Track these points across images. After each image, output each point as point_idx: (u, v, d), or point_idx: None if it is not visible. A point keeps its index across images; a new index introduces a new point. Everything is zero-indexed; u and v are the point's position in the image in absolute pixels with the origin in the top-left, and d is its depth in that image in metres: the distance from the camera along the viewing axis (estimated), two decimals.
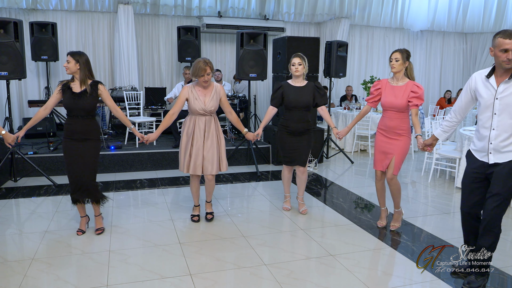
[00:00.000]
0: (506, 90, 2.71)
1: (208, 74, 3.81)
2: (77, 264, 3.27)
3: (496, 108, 2.76)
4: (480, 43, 10.96)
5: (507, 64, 2.65)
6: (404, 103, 3.70)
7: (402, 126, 3.77)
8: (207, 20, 8.68)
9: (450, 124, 3.17)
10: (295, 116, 4.19)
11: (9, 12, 7.80)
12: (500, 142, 2.77)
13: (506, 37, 2.61)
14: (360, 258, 3.43)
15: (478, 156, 2.91)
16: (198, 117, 3.92)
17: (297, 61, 4.13)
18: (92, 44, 8.40)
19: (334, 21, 9.63)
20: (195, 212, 4.25)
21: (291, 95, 4.15)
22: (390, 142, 3.82)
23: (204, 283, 3.00)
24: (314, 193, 5.30)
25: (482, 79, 2.84)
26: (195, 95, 3.87)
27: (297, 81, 4.21)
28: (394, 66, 3.72)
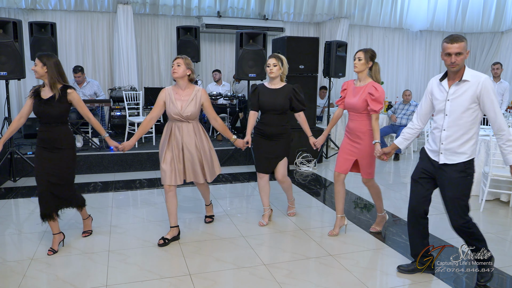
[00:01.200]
0: (456, 92, 2.81)
1: (179, 65, 3.50)
2: (77, 264, 3.27)
3: (447, 109, 2.85)
4: (479, 43, 10.96)
5: (452, 68, 2.76)
6: (361, 103, 3.56)
7: (361, 128, 3.63)
8: (206, 20, 8.67)
9: (413, 132, 3.15)
10: (270, 119, 3.93)
11: (8, 12, 7.79)
12: (450, 143, 2.85)
13: (449, 42, 2.74)
14: (360, 258, 3.43)
15: (431, 155, 2.99)
16: (175, 124, 3.59)
17: (272, 62, 3.85)
18: (91, 44, 8.40)
19: (333, 21, 9.63)
20: (167, 235, 3.68)
21: (264, 98, 3.91)
22: (353, 145, 3.69)
23: (203, 283, 3.00)
24: (313, 193, 5.30)
25: (437, 83, 2.95)
26: (171, 99, 3.54)
27: (272, 83, 3.94)
28: (356, 65, 3.63)
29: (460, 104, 2.79)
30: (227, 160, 6.59)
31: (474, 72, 2.80)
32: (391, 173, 6.65)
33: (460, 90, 2.79)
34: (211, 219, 4.16)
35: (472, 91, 2.75)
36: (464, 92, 2.78)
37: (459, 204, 2.84)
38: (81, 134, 6.51)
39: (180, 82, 3.56)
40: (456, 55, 2.72)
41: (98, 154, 6.12)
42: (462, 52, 2.72)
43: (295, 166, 6.62)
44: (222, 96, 7.73)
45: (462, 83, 2.79)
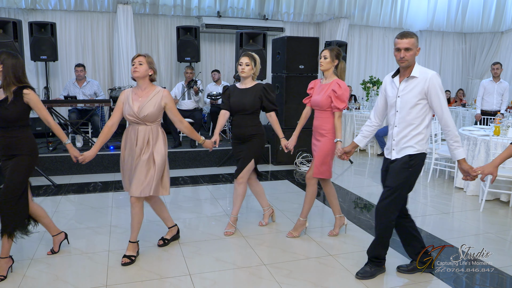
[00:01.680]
0: (406, 88, 2.86)
1: (141, 63, 3.20)
2: (76, 264, 3.27)
3: (398, 105, 2.89)
4: (479, 43, 10.96)
5: (401, 63, 2.82)
6: (324, 101, 3.54)
7: (325, 126, 3.60)
8: (206, 20, 8.67)
9: (371, 129, 3.20)
10: (239, 121, 3.76)
11: (8, 12, 7.79)
12: (401, 139, 2.90)
13: (399, 37, 2.82)
14: (360, 258, 3.43)
15: (386, 154, 3.07)
16: (132, 126, 3.28)
17: (245, 61, 3.68)
18: (91, 44, 8.40)
19: (333, 21, 9.63)
20: (166, 235, 3.60)
21: (233, 98, 3.74)
22: (315, 143, 3.69)
23: (203, 283, 3.00)
24: None
25: (390, 80, 2.99)
26: (128, 100, 3.24)
27: (243, 83, 3.78)
28: (321, 63, 3.60)
29: (409, 100, 2.84)
30: (226, 160, 6.59)
31: (423, 69, 2.85)
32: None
33: (409, 87, 2.85)
34: (129, 260, 3.26)
35: (420, 87, 2.80)
36: (413, 88, 2.83)
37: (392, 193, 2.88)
38: (81, 134, 6.51)
39: (140, 82, 3.27)
40: (406, 50, 2.78)
41: (98, 154, 6.05)
42: (411, 47, 2.78)
43: (295, 166, 6.62)
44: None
45: (411, 80, 2.84)
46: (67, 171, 5.88)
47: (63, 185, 5.37)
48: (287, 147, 3.83)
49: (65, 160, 5.83)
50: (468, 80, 11.29)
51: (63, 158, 5.83)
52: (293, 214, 4.46)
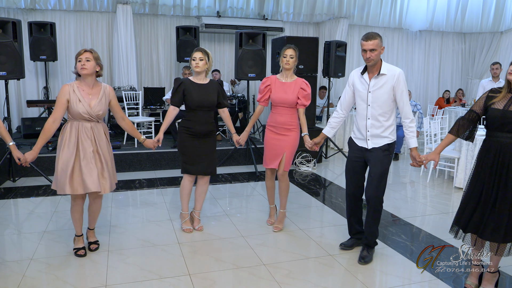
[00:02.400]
0: (376, 84, 3.15)
1: (88, 60, 3.14)
2: (76, 264, 3.26)
3: (369, 100, 3.18)
4: (479, 43, 10.96)
5: (368, 62, 3.10)
6: (294, 98, 3.74)
7: (292, 121, 3.80)
8: (206, 20, 8.67)
9: (338, 120, 3.49)
10: (199, 117, 3.72)
11: (8, 12, 7.78)
12: (375, 129, 3.20)
13: (365, 39, 3.08)
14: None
15: (358, 143, 3.32)
16: (82, 123, 3.19)
17: (199, 56, 3.65)
18: (90, 44, 8.39)
19: (333, 21, 9.63)
20: (78, 245, 3.44)
21: (194, 94, 3.67)
22: (280, 138, 3.81)
23: (203, 283, 3.00)
24: (313, 193, 5.30)
25: (358, 76, 3.26)
26: (78, 96, 3.15)
27: (199, 78, 3.73)
28: (289, 62, 3.75)
29: (381, 95, 3.14)
30: (226, 160, 6.59)
31: (390, 66, 3.15)
32: (391, 173, 6.65)
33: (380, 83, 3.14)
34: (96, 246, 3.51)
35: (390, 83, 3.11)
36: (384, 84, 3.13)
37: (380, 178, 3.19)
38: None
39: (88, 79, 3.20)
40: (371, 51, 3.05)
41: None
42: (375, 48, 3.05)
43: (294, 166, 6.62)
44: None
45: (380, 76, 3.14)
46: None
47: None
48: (239, 142, 3.93)
49: None
50: (468, 80, 11.30)
51: None
52: (293, 214, 4.46)
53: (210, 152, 3.82)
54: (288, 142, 3.80)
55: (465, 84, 11.34)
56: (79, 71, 3.17)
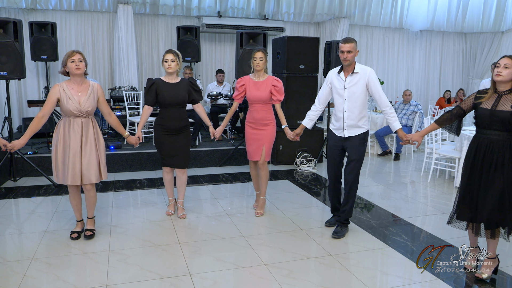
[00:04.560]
0: (351, 81, 3.67)
1: (81, 60, 3.44)
2: (77, 264, 3.27)
3: (345, 95, 3.69)
4: (480, 43, 10.96)
5: (344, 62, 3.61)
6: (268, 95, 4.13)
7: (268, 116, 4.21)
8: (206, 20, 8.67)
9: (316, 113, 3.97)
10: (171, 114, 4.02)
11: (9, 12, 7.79)
12: (350, 120, 3.69)
13: (343, 42, 3.58)
14: (360, 258, 3.43)
15: (337, 133, 3.81)
16: (73, 120, 3.48)
17: (170, 58, 3.94)
18: (91, 44, 8.40)
19: (333, 21, 9.63)
20: (75, 229, 3.78)
21: (166, 92, 3.96)
22: (259, 133, 4.22)
23: (203, 283, 3.00)
24: (313, 193, 5.30)
25: (335, 75, 3.76)
26: (68, 94, 3.43)
27: (170, 78, 4.03)
28: (259, 64, 4.12)
29: (355, 91, 3.66)
30: (227, 160, 6.59)
31: (362, 66, 3.69)
32: (391, 173, 6.65)
33: (354, 80, 3.66)
34: (91, 233, 3.76)
35: (363, 80, 3.65)
36: (358, 81, 3.65)
37: (357, 163, 3.75)
38: None
39: (78, 78, 3.50)
40: (348, 52, 3.56)
41: None
42: (352, 50, 3.56)
43: (295, 166, 6.62)
44: (222, 96, 7.73)
45: (354, 75, 3.66)
46: None
47: (63, 185, 5.36)
48: (214, 135, 4.23)
49: None
50: (469, 80, 11.29)
51: None
52: (294, 214, 4.46)
53: (183, 146, 4.12)
54: (266, 136, 4.22)
55: (466, 84, 11.33)
56: (73, 71, 3.44)
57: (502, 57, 2.91)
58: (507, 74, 2.83)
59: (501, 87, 2.91)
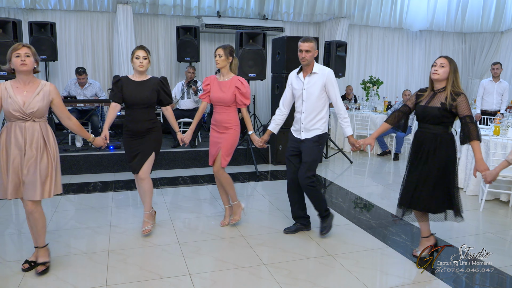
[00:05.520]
0: (309, 82, 3.59)
1: (28, 55, 2.89)
2: (76, 264, 3.26)
3: (304, 96, 3.61)
4: (479, 43, 10.96)
5: (303, 62, 3.55)
6: (230, 97, 3.79)
7: (230, 119, 3.87)
8: (206, 20, 8.67)
9: (282, 117, 3.85)
10: (135, 114, 3.66)
11: (8, 12, 7.79)
12: (308, 122, 3.61)
13: (302, 41, 3.54)
14: (360, 258, 3.43)
15: (295, 134, 3.72)
16: (15, 123, 2.91)
17: (142, 54, 3.60)
18: (91, 44, 8.39)
19: (333, 21, 9.63)
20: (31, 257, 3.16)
21: (128, 91, 3.62)
22: (220, 136, 3.89)
23: (203, 283, 3.00)
24: None
25: (295, 75, 3.69)
26: (9, 93, 2.88)
27: (138, 76, 3.69)
28: (218, 62, 3.77)
29: (314, 92, 3.58)
30: None
31: (321, 66, 3.63)
32: (391, 173, 6.65)
33: (313, 80, 3.58)
34: (45, 267, 3.08)
35: (321, 81, 3.57)
36: (316, 82, 3.57)
37: (310, 166, 3.59)
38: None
39: (25, 76, 2.93)
40: (306, 51, 3.50)
41: (98, 154, 6.12)
42: (310, 50, 3.52)
43: None
44: None
45: (313, 75, 3.59)
46: (67, 171, 5.87)
47: (63, 185, 5.34)
48: (183, 141, 3.90)
49: (65, 160, 5.82)
50: (468, 80, 11.29)
51: (63, 158, 5.82)
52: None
53: (145, 149, 3.70)
54: (224, 139, 3.87)
55: (466, 84, 11.33)
56: (18, 68, 2.88)
57: (439, 57, 3.18)
58: (443, 72, 3.10)
59: (437, 85, 3.18)
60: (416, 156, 3.21)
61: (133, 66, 3.65)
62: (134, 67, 3.66)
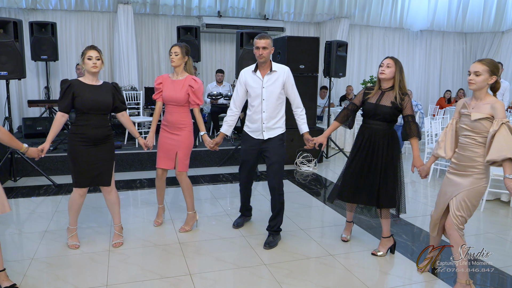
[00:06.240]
0: (269, 80, 3.51)
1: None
2: (77, 264, 3.27)
3: (264, 95, 3.51)
4: (480, 43, 10.96)
5: (260, 59, 3.47)
6: (183, 97, 3.68)
7: (183, 120, 3.74)
8: (206, 20, 8.67)
9: (233, 118, 3.75)
10: (93, 121, 3.33)
11: (9, 12, 7.80)
12: (269, 121, 3.54)
13: (258, 38, 3.45)
14: (360, 258, 3.43)
15: (254, 136, 3.62)
16: None
17: (95, 55, 3.31)
18: (91, 43, 8.37)
19: (333, 21, 9.63)
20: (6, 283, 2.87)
21: (86, 96, 3.29)
22: (173, 138, 3.76)
23: (203, 283, 3.00)
24: (313, 193, 5.30)
25: (250, 74, 3.58)
26: None
27: (92, 79, 3.38)
28: (173, 60, 3.66)
29: (274, 90, 3.51)
30: (227, 160, 6.59)
31: (278, 65, 3.58)
32: None
33: (272, 79, 3.51)
34: None
35: (281, 79, 3.52)
36: (276, 80, 3.51)
37: (280, 166, 3.56)
38: None
39: None
40: (263, 48, 3.42)
41: None
42: (267, 47, 3.44)
43: (295, 166, 6.62)
44: (222, 96, 7.73)
45: (272, 73, 3.52)
46: (67, 171, 5.87)
47: (63, 185, 5.37)
48: (147, 145, 3.70)
49: (65, 160, 5.83)
50: None
51: (64, 158, 5.83)
52: (294, 214, 4.46)
53: (108, 159, 3.45)
54: (180, 142, 3.75)
55: (466, 84, 11.27)
56: None
57: (386, 57, 3.30)
58: (389, 72, 3.24)
59: (384, 84, 3.32)
60: (363, 150, 3.35)
61: (85, 67, 3.34)
62: (86, 69, 3.34)
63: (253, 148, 3.63)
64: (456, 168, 2.87)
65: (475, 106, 2.80)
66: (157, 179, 3.96)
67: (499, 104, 2.73)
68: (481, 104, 2.78)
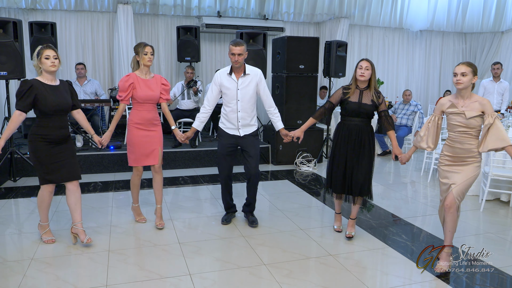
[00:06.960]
0: (244, 82, 3.83)
1: None
2: (77, 264, 3.27)
3: (239, 96, 3.83)
4: (480, 43, 10.95)
5: (235, 64, 3.76)
6: (159, 94, 3.93)
7: (157, 116, 4.00)
8: (206, 20, 8.67)
9: (206, 115, 3.99)
10: (55, 122, 3.37)
11: (9, 12, 7.79)
12: (244, 120, 3.88)
13: (233, 45, 3.71)
14: (360, 258, 3.43)
15: (230, 132, 3.93)
16: None
17: (53, 54, 3.35)
18: (91, 44, 8.39)
19: (333, 21, 9.63)
20: None
21: (49, 99, 3.29)
22: (150, 134, 3.92)
23: (203, 283, 3.00)
24: (313, 193, 5.30)
25: (225, 76, 3.87)
26: None
27: (50, 79, 3.40)
28: (150, 59, 3.85)
29: (248, 91, 3.84)
30: None
31: (252, 68, 3.89)
32: (391, 173, 6.65)
33: (246, 81, 3.83)
34: None
35: (254, 81, 3.86)
36: (249, 82, 3.84)
37: (257, 158, 3.92)
38: (81, 134, 6.51)
39: None
40: (239, 55, 3.70)
41: (98, 154, 6.12)
42: (242, 53, 3.72)
43: (295, 166, 6.62)
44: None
45: (246, 76, 3.84)
46: None
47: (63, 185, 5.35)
48: (101, 143, 3.80)
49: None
50: None
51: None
52: (294, 214, 4.46)
53: (72, 156, 3.52)
54: (158, 137, 3.98)
55: None
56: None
57: (362, 59, 3.64)
58: (368, 74, 3.57)
59: (361, 85, 3.65)
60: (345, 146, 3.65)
61: (43, 67, 3.32)
62: (44, 68, 3.32)
63: (230, 143, 3.95)
64: (452, 161, 3.18)
65: (464, 105, 3.13)
66: (136, 178, 4.06)
67: (486, 101, 3.13)
68: (470, 102, 3.12)
